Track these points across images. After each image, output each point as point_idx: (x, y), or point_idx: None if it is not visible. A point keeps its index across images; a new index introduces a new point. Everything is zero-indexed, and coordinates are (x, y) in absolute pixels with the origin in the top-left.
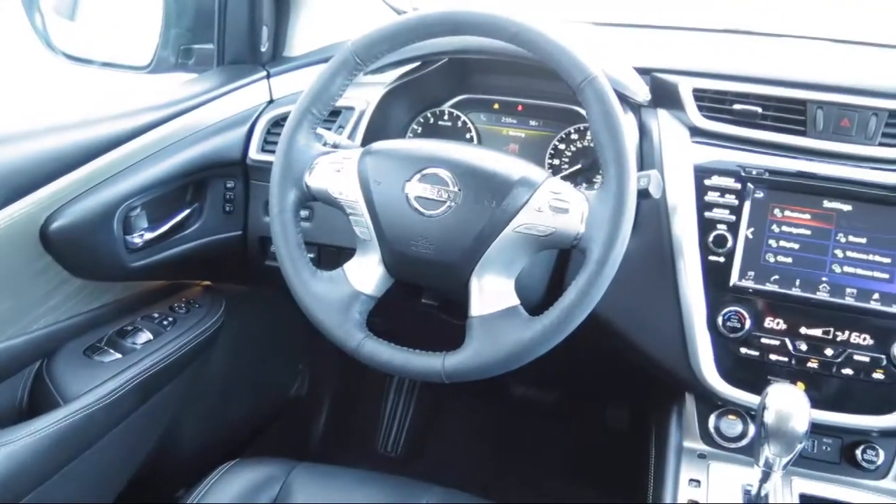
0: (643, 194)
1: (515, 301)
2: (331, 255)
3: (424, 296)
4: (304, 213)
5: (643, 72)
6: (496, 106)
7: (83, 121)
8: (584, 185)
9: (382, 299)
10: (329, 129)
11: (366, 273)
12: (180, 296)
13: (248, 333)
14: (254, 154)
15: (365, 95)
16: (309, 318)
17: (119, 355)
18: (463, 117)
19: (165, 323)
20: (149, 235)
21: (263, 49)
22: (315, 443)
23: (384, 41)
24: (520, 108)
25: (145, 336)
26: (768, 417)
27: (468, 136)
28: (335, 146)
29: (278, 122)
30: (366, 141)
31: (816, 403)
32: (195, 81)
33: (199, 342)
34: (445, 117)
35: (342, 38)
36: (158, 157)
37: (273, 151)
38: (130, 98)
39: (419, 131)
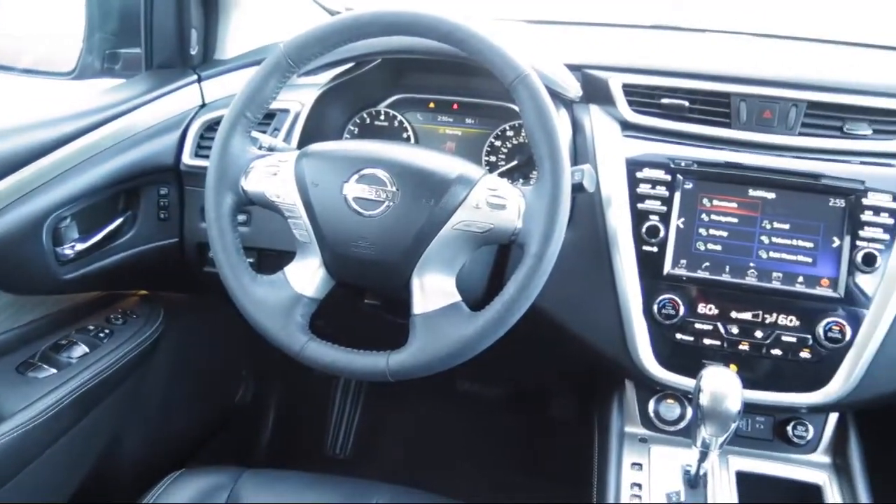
0: (577, 188)
1: (457, 298)
2: (271, 260)
3: (367, 296)
4: (241, 217)
5: (574, 68)
6: (432, 105)
7: (5, 130)
8: (521, 181)
9: (325, 301)
10: (264, 132)
11: (307, 276)
12: (117, 307)
13: (190, 342)
14: (187, 159)
15: (299, 97)
16: (251, 324)
17: (54, 370)
18: (399, 117)
19: (102, 335)
20: (80, 246)
21: (193, 52)
22: (262, 449)
23: (317, 43)
24: (455, 106)
25: (81, 349)
26: (703, 400)
27: (405, 135)
28: (271, 149)
29: (211, 127)
30: (302, 143)
31: (749, 384)
32: (123, 87)
33: (138, 353)
34: (382, 117)
35: (274, 41)
36: (87, 166)
37: (207, 156)
38: (55, 106)
39: (356, 132)
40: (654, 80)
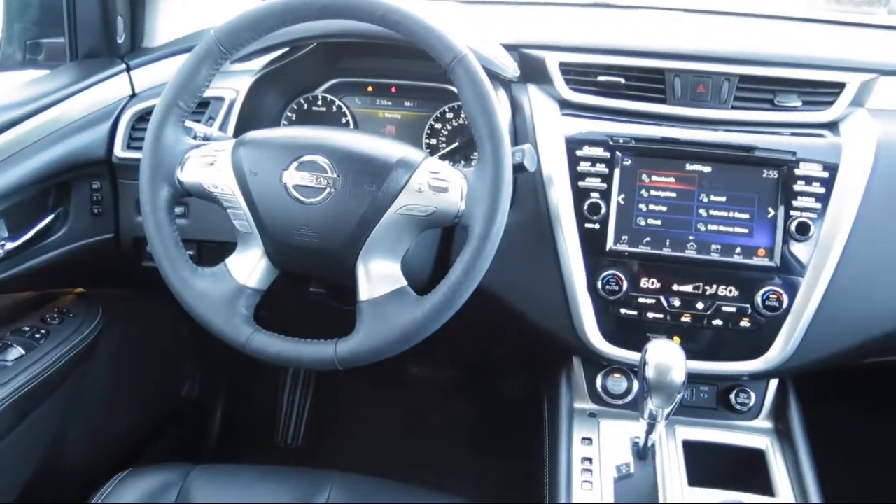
0: (519, 168)
1: (403, 282)
2: (212, 252)
3: (312, 284)
4: (179, 209)
5: (511, 48)
6: (370, 89)
7: None
8: (462, 162)
9: (270, 292)
10: (198, 121)
11: (249, 266)
12: (52, 306)
13: (131, 339)
14: (119, 152)
15: (234, 84)
16: (193, 318)
17: None
18: (337, 102)
19: (38, 336)
20: (10, 245)
21: (120, 40)
22: (212, 444)
23: (249, 28)
24: (393, 89)
25: (16, 352)
26: (649, 372)
27: (344, 120)
28: (206, 139)
29: (143, 117)
30: (238, 131)
31: (692, 355)
32: (47, 78)
33: (77, 353)
34: (319, 102)
35: (207, 26)
36: (12, 162)
37: (140, 148)
38: None
39: (293, 118)
40: (590, 58)
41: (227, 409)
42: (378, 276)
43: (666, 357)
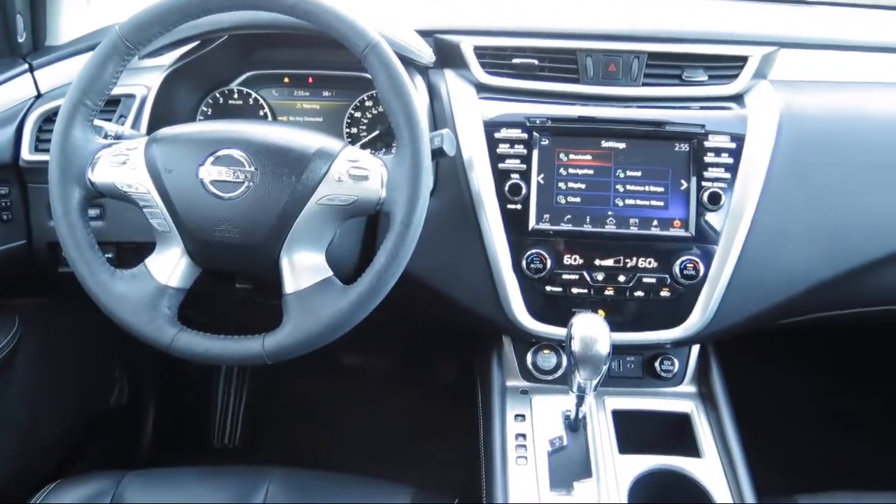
0: (438, 153)
1: (328, 273)
2: (130, 253)
3: (238, 280)
4: (94, 211)
5: (426, 34)
6: (287, 80)
7: None
8: (384, 150)
9: (197, 290)
10: (109, 119)
11: (170, 266)
12: None
13: (52, 347)
14: (27, 155)
15: (144, 81)
16: (115, 321)
17: None
18: (254, 94)
19: None
20: None
21: (21, 39)
22: (145, 449)
23: (155, 22)
24: (311, 80)
25: None
26: (575, 346)
27: (261, 113)
28: (118, 137)
29: (50, 118)
30: (151, 129)
31: (617, 327)
32: None
33: None
34: (235, 96)
35: (113, 22)
36: None
37: (48, 150)
38: None
39: (209, 113)
40: (504, 41)
41: (159, 412)
42: (303, 267)
43: (590, 330)
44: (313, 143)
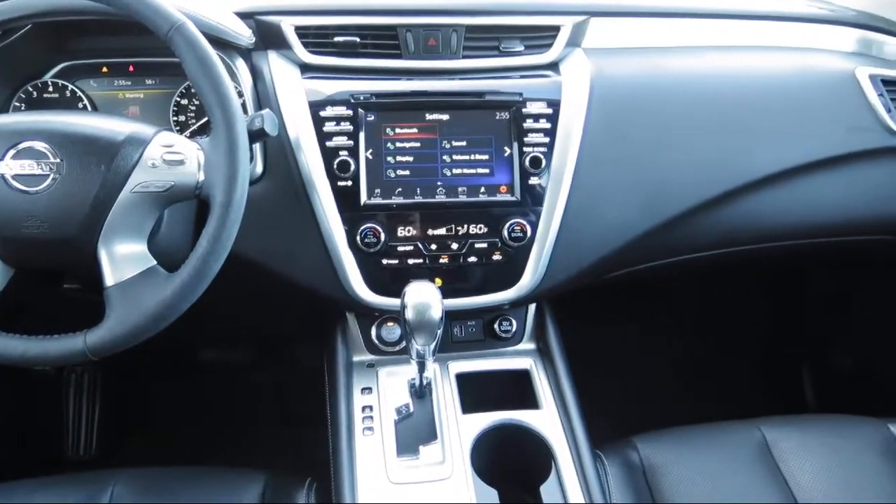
0: (259, 134)
1: (151, 262)
2: None
3: (67, 280)
4: None
5: (246, 16)
6: (105, 69)
7: None
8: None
9: (20, 295)
10: None
11: None
12: None
13: None
14: None
15: None
16: None
17: None
18: (70, 86)
19: None
20: None
21: None
22: None
23: None
24: (132, 68)
25: None
26: (408, 314)
27: (81, 105)
28: None
29: None
30: None
31: (456, 293)
32: None
33: None
34: (50, 89)
35: None
36: None
37: None
38: None
39: (22, 108)
40: (325, 19)
41: (6, 428)
42: (123, 258)
43: (422, 297)
44: (123, 130)
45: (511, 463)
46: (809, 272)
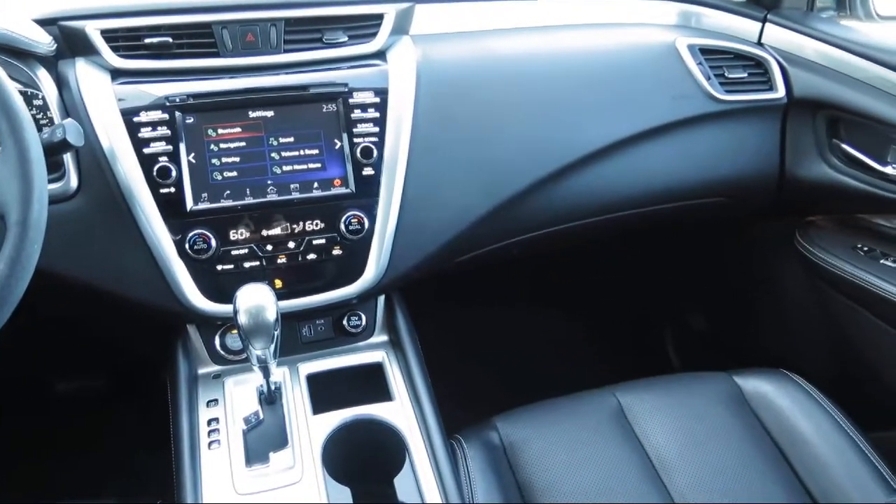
0: (62, 146)
1: None
2: None
3: None
4: None
5: (48, 22)
6: None
7: None
8: None
9: None
10: None
11: None
12: None
13: None
14: None
15: None
16: None
17: None
18: None
19: None
20: None
21: None
22: None
23: None
24: None
25: None
26: (242, 319)
27: None
28: None
29: None
30: None
31: (299, 293)
32: None
33: None
34: None
35: None
36: None
37: None
38: None
39: None
40: (134, 21)
41: None
42: None
43: (254, 299)
44: None
45: (368, 459)
46: (665, 240)
